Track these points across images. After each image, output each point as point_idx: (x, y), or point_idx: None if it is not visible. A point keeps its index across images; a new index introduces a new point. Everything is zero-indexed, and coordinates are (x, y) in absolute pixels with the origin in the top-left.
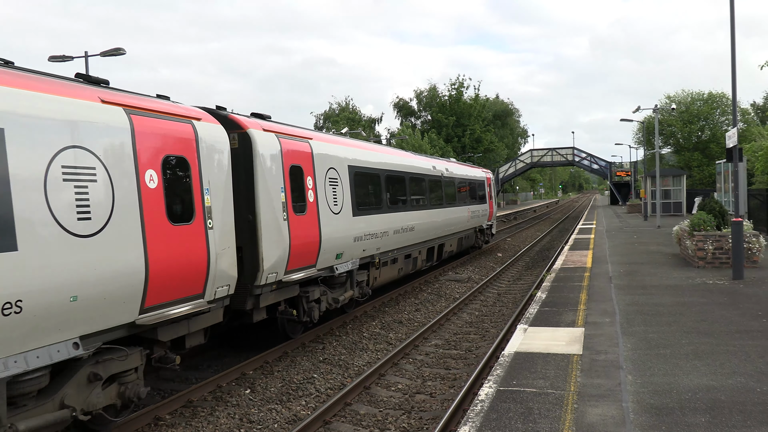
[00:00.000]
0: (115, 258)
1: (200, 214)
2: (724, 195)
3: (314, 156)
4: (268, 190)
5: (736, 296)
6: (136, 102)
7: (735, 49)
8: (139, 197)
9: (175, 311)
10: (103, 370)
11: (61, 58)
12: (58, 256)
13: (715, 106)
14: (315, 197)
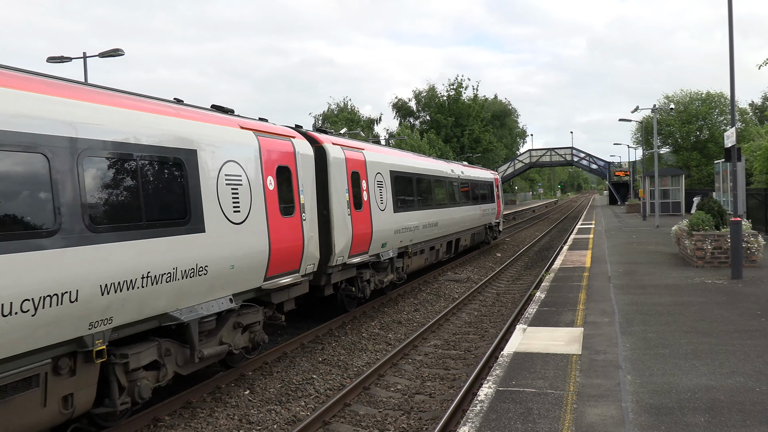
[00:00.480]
0: (253, 240)
1: (298, 209)
2: (722, 195)
3: (367, 163)
4: (337, 191)
5: (735, 296)
6: (258, 126)
7: (733, 49)
8: (264, 197)
9: (283, 281)
10: (242, 320)
11: (60, 59)
12: (225, 237)
13: (713, 105)
14: (368, 197)
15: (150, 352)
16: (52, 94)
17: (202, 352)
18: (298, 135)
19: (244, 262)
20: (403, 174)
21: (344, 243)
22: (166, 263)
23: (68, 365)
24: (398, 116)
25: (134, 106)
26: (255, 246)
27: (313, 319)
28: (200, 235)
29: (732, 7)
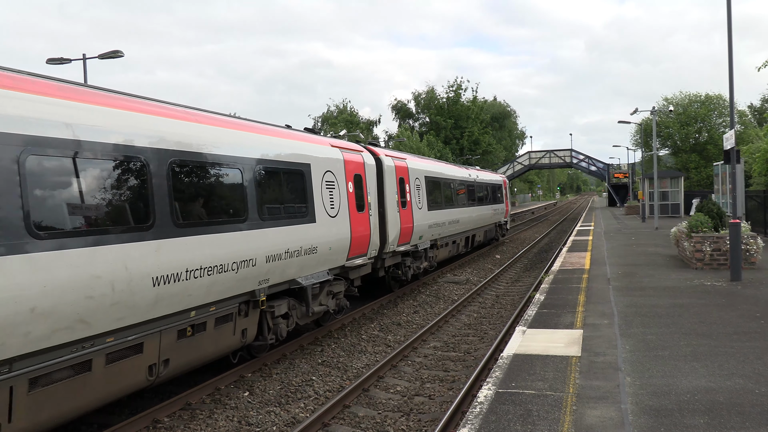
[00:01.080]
0: (342, 229)
1: (367, 207)
2: (721, 197)
3: (409, 170)
4: (390, 193)
5: (734, 298)
6: (341, 144)
7: (732, 51)
8: (347, 197)
9: (357, 261)
10: (333, 289)
11: (59, 61)
12: (326, 226)
13: (712, 108)
14: (410, 198)
15: (284, 305)
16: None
17: (312, 309)
18: (365, 149)
19: (336, 245)
20: (435, 179)
21: (395, 234)
22: (296, 243)
23: (245, 309)
24: (397, 118)
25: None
26: (343, 234)
27: (311, 322)
28: (313, 224)
29: (731, 9)
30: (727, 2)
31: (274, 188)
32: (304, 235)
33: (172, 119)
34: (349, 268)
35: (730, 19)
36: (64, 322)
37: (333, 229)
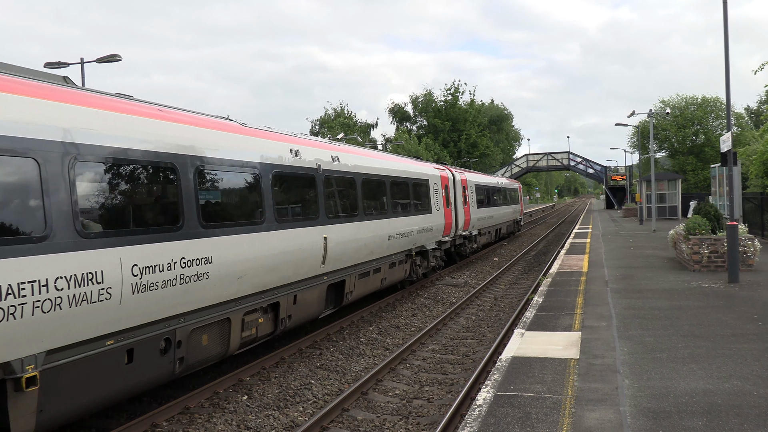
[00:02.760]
0: (440, 219)
1: (451, 205)
2: (719, 199)
3: (467, 181)
4: (458, 196)
5: (732, 300)
6: (436, 165)
7: (729, 54)
8: (441, 199)
9: (445, 239)
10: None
11: (57, 65)
12: (435, 217)
13: (709, 110)
14: (468, 199)
15: (418, 260)
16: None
17: (430, 263)
18: (445, 167)
19: (438, 228)
20: (479, 186)
21: (461, 224)
22: (424, 225)
23: (403, 259)
24: (395, 121)
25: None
26: (441, 221)
27: (310, 324)
28: (430, 215)
29: (727, 13)
30: (724, 6)
31: (418, 193)
32: (427, 221)
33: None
34: (441, 242)
35: (726, 23)
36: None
37: (437, 218)
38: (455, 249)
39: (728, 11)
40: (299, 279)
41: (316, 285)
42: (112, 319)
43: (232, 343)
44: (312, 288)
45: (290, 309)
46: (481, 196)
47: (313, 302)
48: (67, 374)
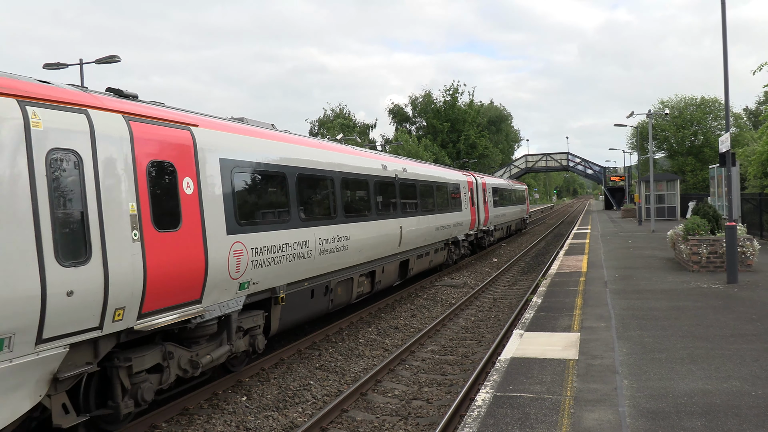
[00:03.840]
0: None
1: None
2: (717, 199)
3: (486, 184)
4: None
5: (731, 300)
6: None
7: (727, 55)
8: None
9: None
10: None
11: (56, 66)
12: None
13: (707, 111)
14: (486, 200)
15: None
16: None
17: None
18: (470, 174)
19: (465, 223)
20: (495, 188)
21: (482, 220)
22: (456, 220)
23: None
24: (394, 122)
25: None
26: (468, 218)
27: (309, 325)
28: (461, 212)
29: (725, 15)
30: (722, 8)
31: (453, 195)
32: (459, 217)
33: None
34: (468, 235)
35: (725, 24)
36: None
37: (466, 215)
38: (477, 241)
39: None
40: (385, 255)
41: (393, 261)
42: (309, 269)
43: (353, 294)
44: (392, 263)
45: (380, 276)
46: (497, 197)
47: (393, 272)
48: (291, 299)
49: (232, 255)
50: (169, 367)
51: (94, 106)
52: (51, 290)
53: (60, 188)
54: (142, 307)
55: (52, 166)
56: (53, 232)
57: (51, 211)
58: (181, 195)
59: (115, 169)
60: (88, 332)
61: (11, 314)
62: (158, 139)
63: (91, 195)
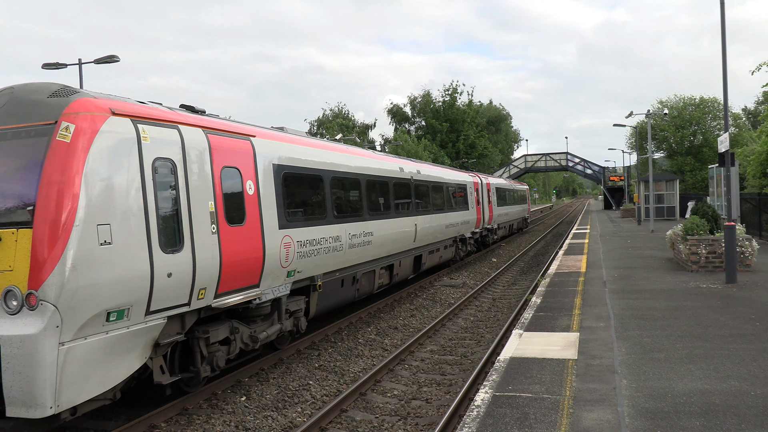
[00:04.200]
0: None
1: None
2: (716, 199)
3: (491, 185)
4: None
5: (730, 300)
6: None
7: (726, 55)
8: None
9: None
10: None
11: (55, 66)
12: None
13: (707, 111)
14: (490, 200)
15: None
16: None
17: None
18: (476, 175)
19: (472, 221)
20: (498, 188)
21: (486, 219)
22: (464, 219)
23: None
24: (393, 122)
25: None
26: (474, 216)
27: (308, 325)
28: (467, 211)
29: (724, 16)
30: (721, 9)
31: (461, 195)
32: (466, 216)
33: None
34: (474, 233)
35: (724, 24)
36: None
37: (472, 214)
38: (481, 239)
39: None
40: (402, 250)
41: (409, 255)
42: (340, 261)
43: (375, 285)
44: (407, 257)
45: (397, 269)
46: (500, 197)
47: (408, 266)
48: (325, 287)
49: (282, 247)
50: (235, 340)
51: (183, 122)
52: (157, 272)
53: (161, 190)
54: (217, 289)
55: (156, 171)
56: (158, 225)
57: (156, 208)
58: (245, 195)
59: (199, 174)
60: (180, 307)
61: (130, 290)
62: (228, 149)
63: (183, 195)
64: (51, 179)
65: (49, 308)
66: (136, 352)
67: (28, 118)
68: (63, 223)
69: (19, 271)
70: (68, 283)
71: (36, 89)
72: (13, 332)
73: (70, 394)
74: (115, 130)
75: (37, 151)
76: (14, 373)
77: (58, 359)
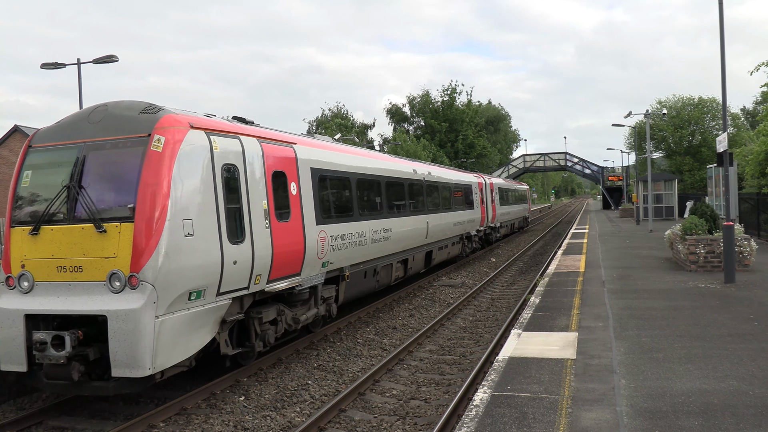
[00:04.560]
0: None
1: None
2: (715, 199)
3: (494, 185)
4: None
5: (728, 300)
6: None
7: (725, 55)
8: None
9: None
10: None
11: (54, 66)
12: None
13: (705, 110)
14: (493, 199)
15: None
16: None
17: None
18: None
19: (477, 220)
20: (501, 189)
21: (490, 217)
22: (470, 217)
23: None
24: (392, 122)
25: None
26: (479, 215)
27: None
28: (473, 210)
29: (723, 17)
30: (720, 9)
31: (467, 195)
32: (472, 215)
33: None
34: (478, 231)
35: (722, 25)
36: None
37: (477, 213)
38: (485, 237)
39: (717, 13)
40: (415, 246)
41: (421, 251)
42: (364, 254)
43: (392, 277)
44: (419, 252)
45: (411, 263)
46: (502, 196)
47: (420, 261)
48: (351, 278)
49: (318, 240)
50: (281, 321)
51: (243, 133)
52: (226, 260)
53: (228, 190)
54: (269, 275)
55: (224, 175)
56: (226, 220)
57: (225, 206)
58: (290, 195)
59: (255, 177)
60: (241, 290)
61: (206, 274)
62: (276, 155)
63: (244, 194)
64: (147, 182)
65: (148, 287)
66: (208, 327)
67: (124, 131)
68: (158, 219)
69: (121, 258)
70: (162, 267)
71: (128, 107)
72: (119, 307)
73: (162, 359)
74: (193, 141)
75: (134, 158)
76: (120, 340)
77: (155, 329)
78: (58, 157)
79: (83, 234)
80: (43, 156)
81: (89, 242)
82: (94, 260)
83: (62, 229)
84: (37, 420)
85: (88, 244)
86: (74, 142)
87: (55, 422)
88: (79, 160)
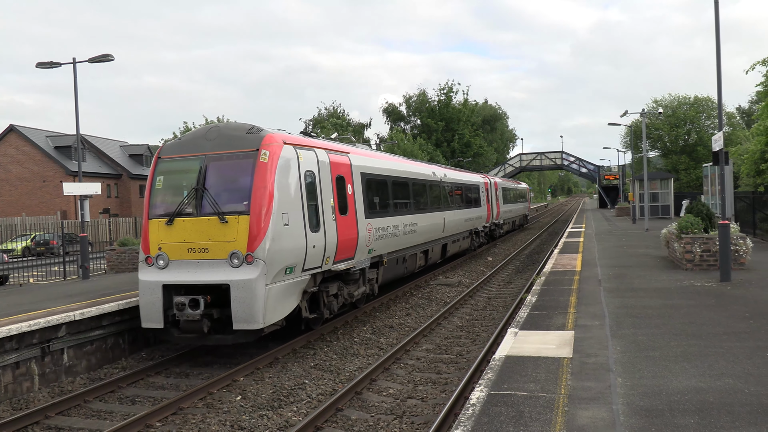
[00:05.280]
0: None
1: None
2: (711, 198)
3: (497, 184)
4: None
5: (724, 298)
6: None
7: (720, 54)
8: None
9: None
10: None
11: (49, 65)
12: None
13: (701, 109)
14: (497, 198)
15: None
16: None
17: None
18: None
19: (484, 216)
20: (504, 188)
21: (494, 215)
22: (477, 214)
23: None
24: (389, 121)
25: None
26: (485, 212)
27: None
28: (479, 208)
29: (719, 15)
30: (716, 9)
31: (476, 194)
32: (479, 212)
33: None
34: (484, 227)
35: (718, 24)
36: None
37: (484, 210)
38: (490, 232)
39: (712, 12)
40: (434, 239)
41: (438, 244)
42: (397, 244)
43: (416, 265)
44: (437, 245)
45: (431, 254)
46: (505, 195)
47: (438, 252)
48: (388, 263)
49: (366, 231)
50: (341, 295)
51: (316, 146)
52: (309, 244)
53: (308, 191)
54: (334, 258)
55: (306, 180)
56: (308, 214)
57: (307, 203)
58: (347, 194)
59: (325, 180)
60: (316, 269)
61: (296, 255)
62: (338, 162)
63: (319, 194)
64: (258, 185)
65: (261, 263)
66: (295, 295)
67: (236, 147)
68: (266, 213)
69: (240, 241)
70: (270, 248)
71: (236, 128)
72: (240, 277)
73: (269, 316)
74: (287, 154)
75: (247, 167)
76: (240, 302)
77: (265, 294)
78: (184, 166)
79: (209, 224)
80: (171, 165)
81: (213, 230)
82: (218, 243)
83: (192, 221)
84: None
85: (212, 232)
86: (197, 155)
87: (53, 422)
88: (202, 169)
